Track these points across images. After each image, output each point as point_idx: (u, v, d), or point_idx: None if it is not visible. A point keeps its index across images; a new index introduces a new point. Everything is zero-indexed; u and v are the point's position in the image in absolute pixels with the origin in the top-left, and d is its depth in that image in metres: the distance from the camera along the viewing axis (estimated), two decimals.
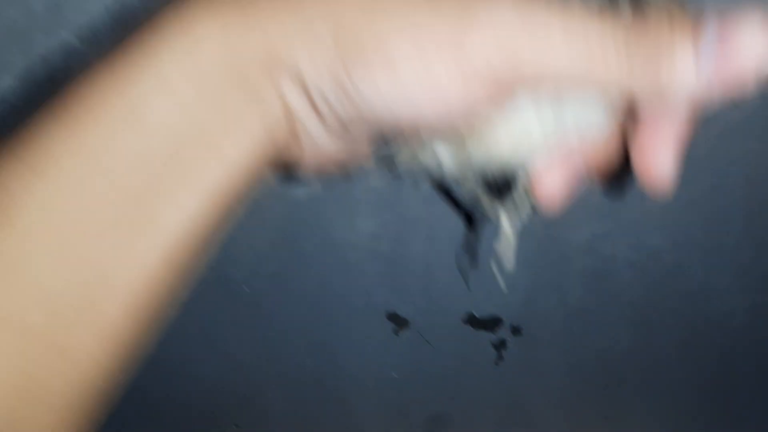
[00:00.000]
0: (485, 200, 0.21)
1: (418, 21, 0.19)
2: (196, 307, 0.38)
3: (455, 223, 0.29)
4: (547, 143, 0.20)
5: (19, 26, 0.26)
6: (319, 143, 0.21)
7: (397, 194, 0.33)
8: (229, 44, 0.19)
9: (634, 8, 0.19)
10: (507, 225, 0.21)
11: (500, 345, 0.43)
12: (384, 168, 0.21)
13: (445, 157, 0.21)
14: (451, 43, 0.18)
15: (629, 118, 0.22)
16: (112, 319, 0.19)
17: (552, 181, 0.22)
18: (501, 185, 0.21)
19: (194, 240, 0.20)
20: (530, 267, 0.39)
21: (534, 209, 0.21)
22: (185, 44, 0.19)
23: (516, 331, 0.43)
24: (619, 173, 0.22)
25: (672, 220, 0.39)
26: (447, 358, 0.46)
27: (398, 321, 0.42)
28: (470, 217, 0.23)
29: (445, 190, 0.23)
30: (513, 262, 0.22)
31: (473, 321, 0.43)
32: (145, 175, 0.20)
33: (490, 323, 0.43)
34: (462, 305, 0.42)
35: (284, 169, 0.22)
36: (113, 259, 0.20)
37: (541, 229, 0.37)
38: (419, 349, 0.45)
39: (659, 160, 0.21)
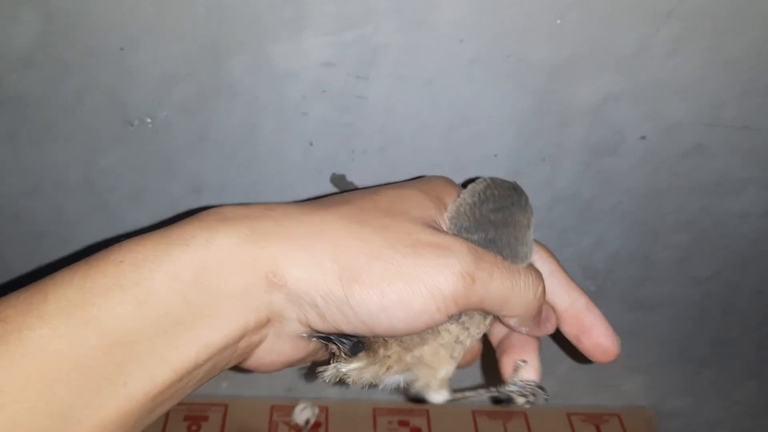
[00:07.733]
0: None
1: (401, 262, 0.24)
2: None
3: None
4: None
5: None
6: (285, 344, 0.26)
7: None
8: (234, 254, 0.24)
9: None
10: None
11: None
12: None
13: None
14: (426, 283, 0.24)
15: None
16: None
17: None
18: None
19: (154, 401, 0.23)
20: None
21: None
22: (200, 244, 0.24)
23: None
24: None
25: None
26: None
27: None
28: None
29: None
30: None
31: None
32: (128, 337, 0.22)
33: None
34: None
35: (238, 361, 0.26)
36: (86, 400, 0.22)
37: None
38: None
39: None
